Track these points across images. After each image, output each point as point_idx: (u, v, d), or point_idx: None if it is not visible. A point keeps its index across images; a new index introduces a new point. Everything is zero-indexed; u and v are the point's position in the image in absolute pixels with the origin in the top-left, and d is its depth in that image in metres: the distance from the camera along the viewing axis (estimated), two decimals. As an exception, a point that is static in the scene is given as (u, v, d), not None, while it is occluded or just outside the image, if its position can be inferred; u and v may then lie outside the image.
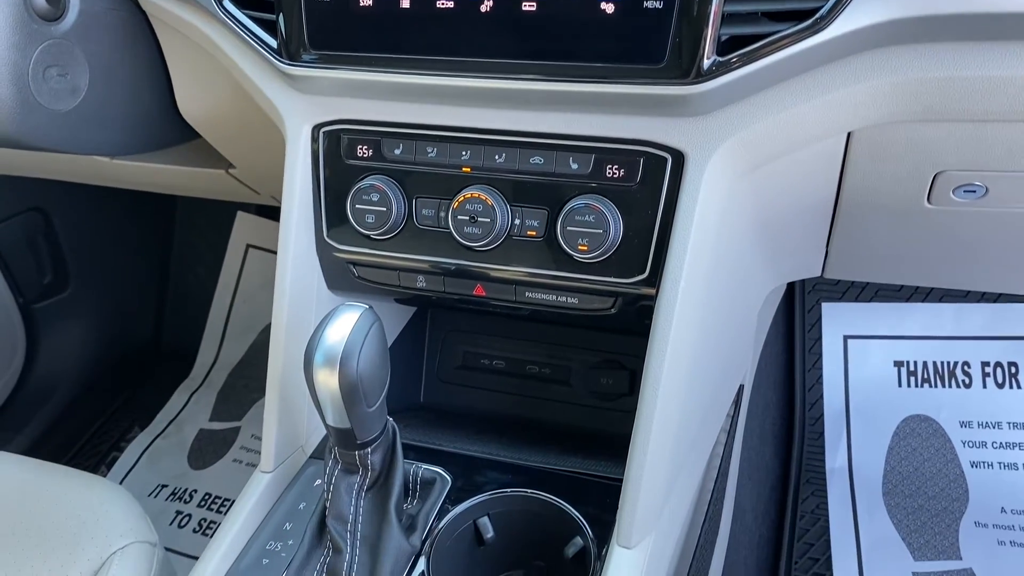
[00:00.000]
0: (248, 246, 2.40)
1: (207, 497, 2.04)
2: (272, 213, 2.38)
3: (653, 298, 0.95)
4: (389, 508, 0.94)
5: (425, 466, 1.06)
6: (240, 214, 2.39)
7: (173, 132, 1.28)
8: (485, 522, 1.03)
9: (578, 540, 1.00)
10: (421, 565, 0.95)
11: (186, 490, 2.06)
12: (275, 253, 2.38)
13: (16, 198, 2.03)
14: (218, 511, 2.00)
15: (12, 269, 2.05)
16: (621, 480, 0.97)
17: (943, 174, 0.98)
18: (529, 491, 1.03)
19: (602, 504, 1.00)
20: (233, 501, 2.00)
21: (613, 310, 0.99)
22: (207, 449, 2.16)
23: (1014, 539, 1.67)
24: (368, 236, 1.06)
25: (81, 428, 2.25)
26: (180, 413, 2.27)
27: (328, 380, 0.86)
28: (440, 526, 0.99)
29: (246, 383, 2.30)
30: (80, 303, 2.22)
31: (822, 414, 1.91)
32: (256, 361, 2.33)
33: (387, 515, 0.94)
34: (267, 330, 2.38)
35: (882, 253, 1.23)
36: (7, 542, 1.06)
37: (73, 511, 1.08)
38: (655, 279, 0.94)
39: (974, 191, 1.00)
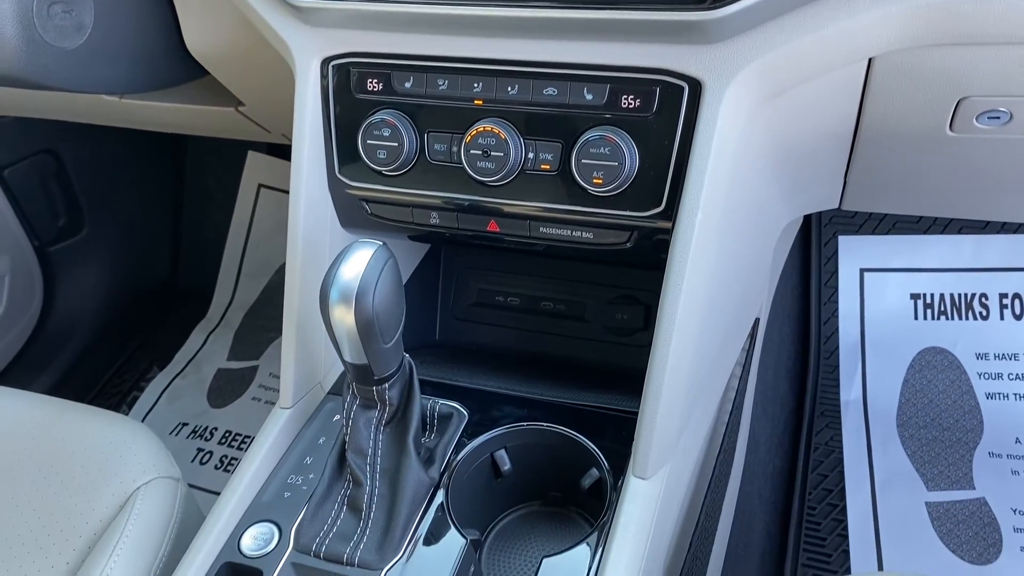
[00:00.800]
0: (260, 186, 2.39)
1: (227, 434, 2.07)
2: (283, 152, 2.36)
3: (669, 231, 0.94)
4: (407, 442, 0.95)
5: (442, 401, 1.07)
6: (251, 154, 2.38)
7: (181, 69, 1.27)
8: (502, 455, 1.04)
9: (594, 471, 1.01)
10: (440, 497, 0.97)
11: (207, 428, 2.09)
12: (287, 193, 2.38)
13: (26, 140, 2.03)
14: (239, 448, 2.04)
15: (26, 212, 2.06)
16: (637, 413, 0.98)
17: (966, 100, 0.96)
18: (545, 424, 1.04)
19: (618, 437, 1.01)
20: (253, 438, 2.04)
21: (629, 244, 0.99)
22: (226, 388, 2.19)
23: (1028, 469, 1.69)
24: (380, 172, 1.05)
25: (101, 369, 2.28)
26: (198, 353, 2.29)
27: (344, 317, 0.86)
28: (458, 459, 1.01)
29: (262, 323, 2.32)
30: (95, 245, 2.23)
31: (837, 347, 1.91)
32: (272, 301, 2.34)
33: (406, 448, 0.95)
34: (282, 270, 2.38)
35: (901, 183, 1.21)
36: (33, 479, 1.08)
37: (97, 448, 1.10)
38: (671, 212, 0.93)
39: (998, 117, 0.97)
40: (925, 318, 1.89)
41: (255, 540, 0.94)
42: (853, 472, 1.71)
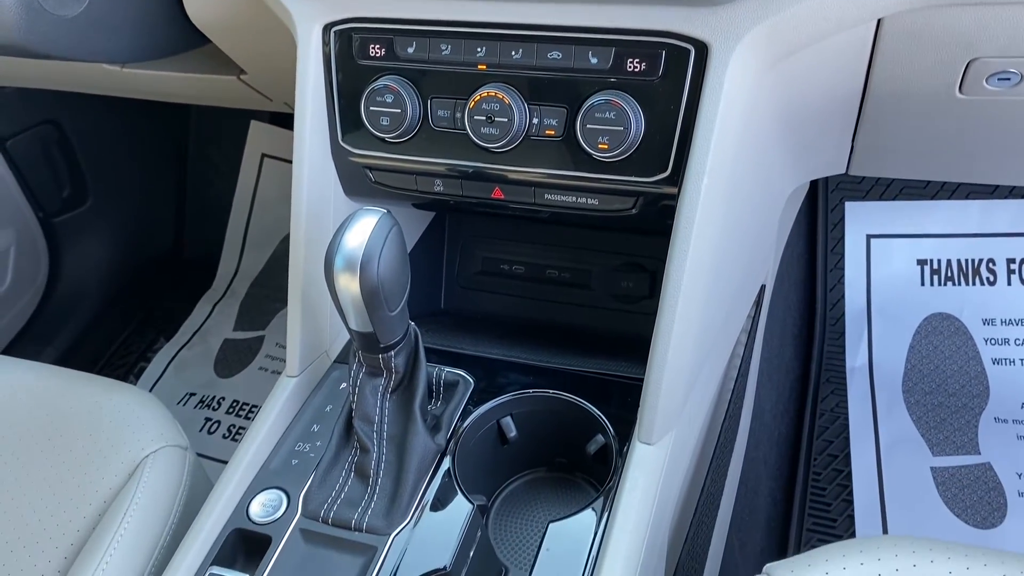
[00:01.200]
0: (263, 155, 2.38)
1: (235, 404, 2.08)
2: (286, 121, 2.35)
3: (675, 197, 0.93)
4: (414, 409, 0.95)
5: (448, 369, 1.07)
6: (254, 123, 2.37)
7: (182, 37, 1.25)
8: (508, 422, 1.05)
9: (600, 438, 1.01)
10: (446, 463, 0.97)
11: (214, 398, 2.10)
12: (291, 162, 2.37)
13: (28, 111, 2.02)
14: (246, 417, 2.05)
15: (30, 183, 2.05)
16: (642, 380, 0.98)
17: (977, 62, 0.94)
18: (551, 391, 1.04)
19: (623, 403, 1.01)
20: (260, 407, 2.05)
21: (634, 211, 0.98)
22: (232, 358, 2.20)
23: (1033, 434, 1.69)
24: (383, 139, 1.04)
25: (108, 340, 2.29)
26: (204, 324, 2.30)
27: (349, 285, 0.86)
28: (464, 426, 1.01)
29: (268, 293, 2.32)
30: (100, 216, 2.22)
31: (843, 314, 1.90)
32: (277, 271, 2.34)
33: (412, 415, 0.95)
34: (286, 240, 2.38)
35: (910, 147, 1.20)
36: (43, 448, 1.09)
37: (105, 418, 1.10)
38: (677, 177, 0.93)
39: (1008, 79, 0.96)
40: (932, 284, 1.88)
41: (263, 507, 0.94)
42: (858, 438, 1.72)
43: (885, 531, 1.57)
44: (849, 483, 1.65)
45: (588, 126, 0.93)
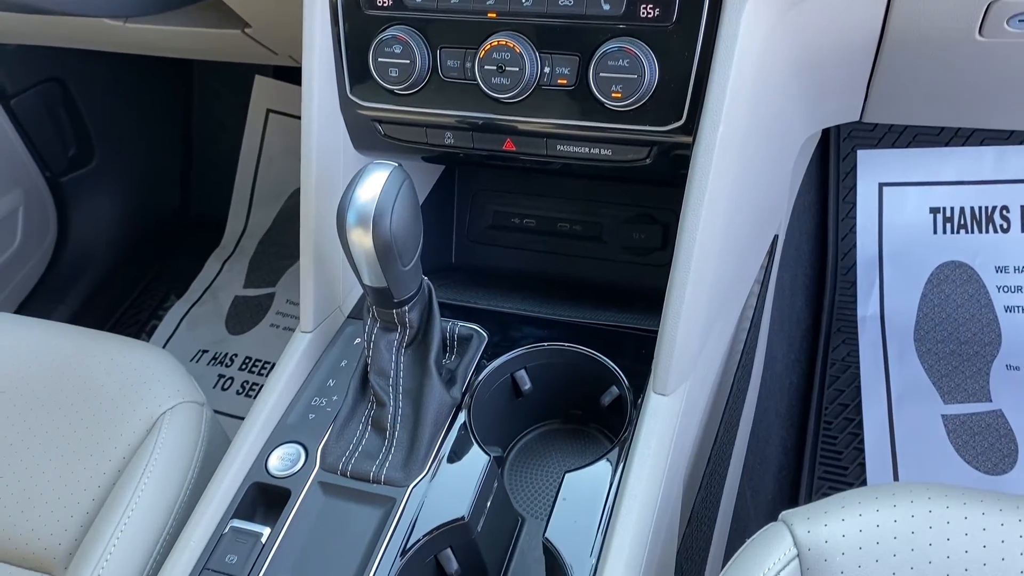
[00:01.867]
0: (268, 111, 2.36)
1: (248, 360, 2.09)
2: (290, 76, 2.32)
3: (689, 147, 0.92)
4: (429, 363, 0.96)
5: (461, 323, 1.07)
6: (258, 78, 2.34)
7: (184, -10, 1.24)
8: (522, 375, 1.05)
9: (614, 389, 1.01)
10: (462, 416, 0.98)
11: (226, 354, 2.12)
12: (296, 118, 2.35)
13: (31, 69, 2.00)
14: (259, 373, 2.06)
15: (36, 142, 2.04)
16: (655, 332, 0.98)
17: (997, 3, 0.92)
18: (565, 344, 1.04)
19: (637, 355, 1.01)
20: (274, 363, 2.06)
21: (648, 161, 0.97)
22: (244, 315, 2.21)
23: (1045, 381, 1.69)
24: (392, 91, 1.03)
25: (119, 298, 2.29)
26: (214, 281, 2.30)
27: (362, 240, 0.86)
28: (479, 380, 1.01)
29: (277, 250, 2.32)
30: (106, 175, 2.22)
31: (855, 263, 1.89)
32: (285, 228, 2.34)
33: (427, 369, 0.96)
34: (294, 196, 2.38)
35: (926, 92, 1.18)
36: (60, 406, 1.10)
37: (121, 375, 1.11)
38: (692, 126, 0.91)
39: (1030, 20, 0.94)
40: (944, 232, 1.87)
41: (282, 461, 0.95)
42: (870, 387, 1.72)
43: (896, 479, 1.58)
44: (860, 431, 1.66)
45: (601, 75, 0.92)
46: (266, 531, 0.89)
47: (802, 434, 1.69)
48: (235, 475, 0.94)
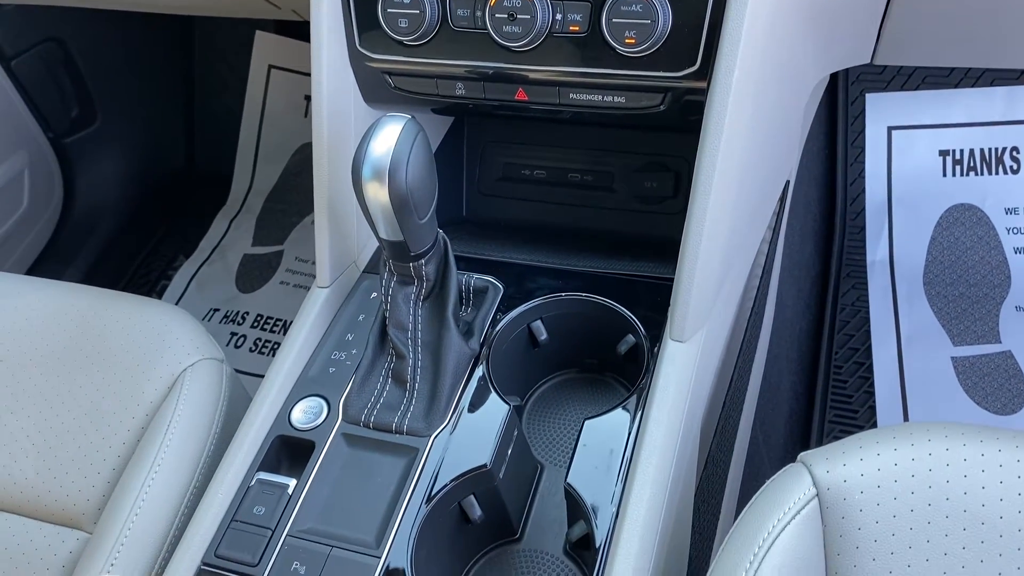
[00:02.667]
0: (270, 67, 2.34)
1: (259, 318, 2.11)
2: (292, 30, 2.30)
3: (704, 92, 0.91)
4: (447, 315, 0.96)
5: (477, 276, 1.07)
6: (259, 34, 2.32)
7: (185, -57, 1.22)
8: (539, 325, 1.06)
9: (630, 337, 1.02)
10: (480, 367, 0.99)
11: (238, 312, 2.13)
12: (298, 73, 2.33)
13: (30, 29, 1.98)
14: (271, 330, 2.07)
15: (38, 103, 2.03)
16: (670, 280, 0.98)
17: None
18: (580, 294, 1.05)
19: (652, 303, 1.02)
20: (286, 320, 2.08)
21: (662, 107, 0.96)
22: (253, 273, 2.21)
23: (1054, 321, 1.70)
24: (402, 42, 1.02)
25: (128, 259, 2.30)
26: (222, 240, 2.31)
27: (378, 193, 0.86)
28: (496, 331, 1.02)
29: (284, 207, 2.32)
30: (110, 135, 2.21)
31: (864, 208, 1.89)
32: (291, 185, 2.33)
33: (445, 322, 0.96)
34: (299, 153, 2.37)
35: (939, 32, 1.17)
36: (81, 366, 1.11)
37: (140, 333, 1.12)
38: (706, 71, 0.91)
39: (1049, -45, 0.92)
40: (954, 175, 1.86)
41: (305, 414, 0.97)
42: (879, 330, 1.73)
43: (906, 421, 1.60)
44: (870, 375, 1.67)
45: (614, 20, 0.91)
46: (292, 482, 0.91)
47: (812, 379, 1.71)
48: (259, 429, 0.96)
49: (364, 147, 0.86)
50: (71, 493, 1.04)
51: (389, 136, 0.86)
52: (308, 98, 2.35)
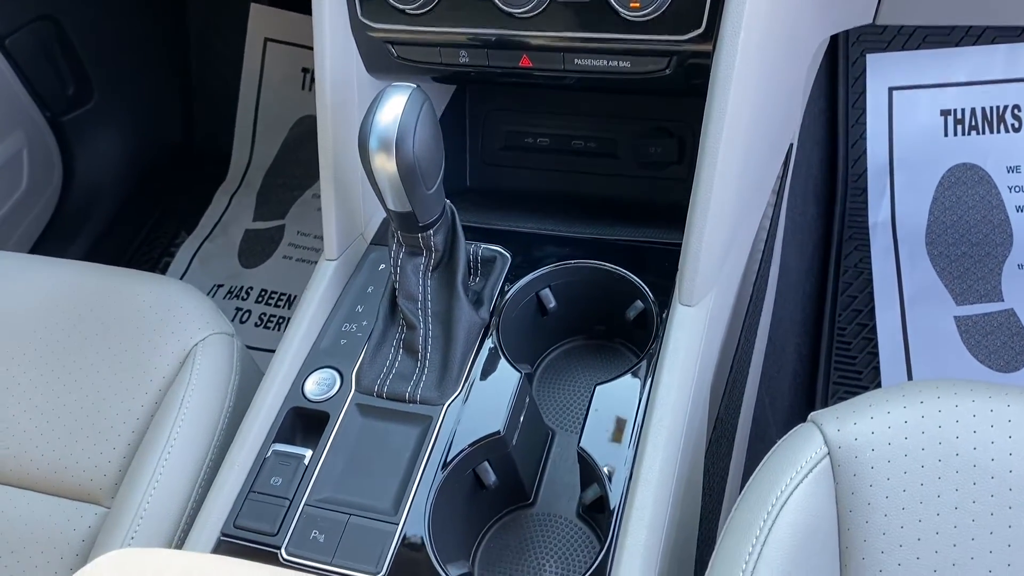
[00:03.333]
0: (266, 40, 2.32)
1: (263, 293, 2.11)
2: (286, 1, 2.28)
3: (709, 55, 0.91)
4: (456, 285, 0.97)
5: (484, 245, 1.08)
6: (254, 6, 2.30)
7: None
8: (547, 293, 1.06)
9: (639, 303, 1.03)
10: (490, 336, 0.99)
11: (242, 288, 2.13)
12: (294, 45, 2.31)
13: (21, 6, 1.95)
14: (276, 305, 2.08)
15: (34, 82, 2.01)
16: (676, 245, 0.99)
17: None
18: (588, 261, 1.05)
19: (660, 269, 1.02)
20: (290, 295, 2.08)
21: (668, 71, 0.96)
22: (255, 248, 2.21)
23: (1057, 278, 1.70)
24: (403, 11, 1.01)
25: (129, 237, 2.30)
26: (223, 216, 2.30)
27: (385, 164, 0.86)
28: (505, 300, 1.03)
29: (283, 181, 2.31)
30: (108, 112, 2.19)
31: (865, 170, 1.89)
32: (290, 159, 2.33)
33: (455, 291, 0.97)
34: (297, 126, 2.36)
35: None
36: (92, 342, 1.11)
37: (150, 309, 1.12)
38: (711, 34, 0.90)
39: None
40: (955, 134, 1.86)
41: (318, 385, 0.97)
42: (882, 291, 1.74)
43: (910, 380, 1.61)
44: (874, 336, 1.68)
45: (618, -17, 0.90)
46: (308, 453, 0.92)
47: (817, 340, 1.72)
48: (273, 401, 0.97)
49: (370, 118, 0.86)
50: (87, 469, 1.05)
51: (395, 106, 0.86)
52: (305, 70, 2.33)
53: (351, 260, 1.10)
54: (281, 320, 2.05)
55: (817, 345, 1.71)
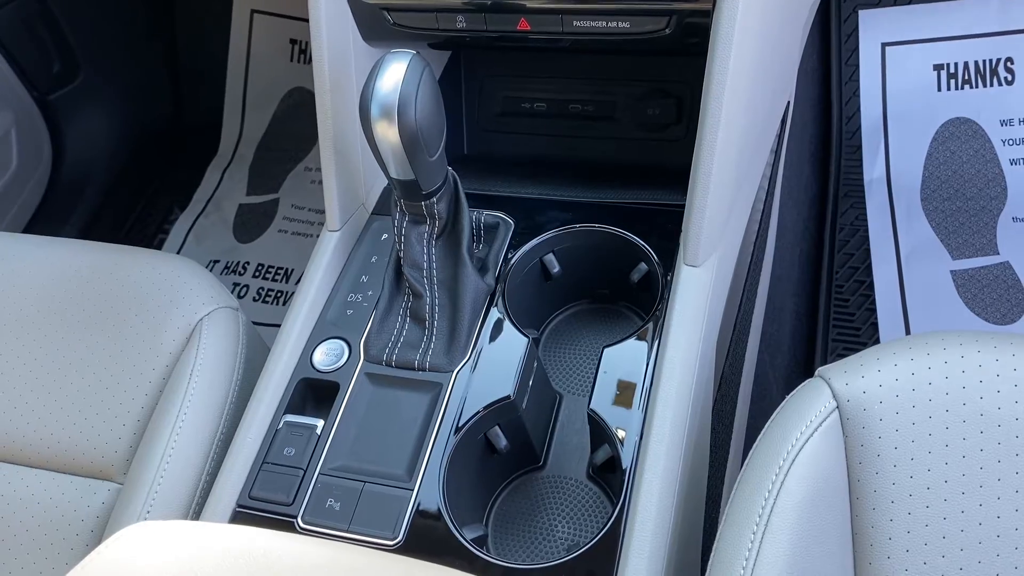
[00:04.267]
0: (252, 11, 2.29)
1: (260, 267, 2.10)
2: (272, -28, 2.25)
3: (709, 13, 0.91)
4: (462, 252, 0.97)
5: (487, 212, 1.08)
6: (238, -23, 2.27)
7: None
8: (551, 258, 1.06)
9: (643, 266, 1.03)
10: (497, 302, 1.00)
11: (238, 263, 2.12)
12: (281, 16, 2.28)
13: (4, -17, 1.93)
14: (273, 279, 2.08)
15: (19, 60, 1.99)
16: (678, 206, 0.99)
17: None
18: (591, 225, 1.05)
19: (663, 231, 1.03)
20: (287, 268, 2.08)
21: (667, 31, 0.96)
22: (250, 223, 2.20)
23: (1051, 231, 1.72)
24: None
25: (123, 214, 2.28)
26: (216, 191, 2.29)
27: (387, 132, 0.86)
28: (509, 266, 1.03)
29: (276, 155, 2.30)
30: (95, 89, 2.17)
31: (859, 127, 1.89)
32: (282, 132, 2.31)
33: (461, 258, 0.97)
34: (287, 98, 2.34)
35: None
36: (97, 320, 1.11)
37: (153, 285, 1.12)
38: (712, -9, 0.90)
39: None
40: (948, 89, 1.86)
41: (326, 356, 0.98)
42: (879, 248, 1.75)
43: (908, 334, 1.62)
44: (871, 293, 1.69)
45: (617, -56, 0.89)
46: (319, 423, 0.93)
47: (815, 299, 1.73)
48: (282, 373, 0.97)
49: (371, 86, 0.85)
50: (98, 446, 1.06)
51: (395, 73, 0.85)
52: (293, 41, 2.31)
53: (353, 231, 1.09)
54: (279, 294, 2.05)
55: (815, 303, 1.72)
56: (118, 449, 1.05)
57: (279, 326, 1.02)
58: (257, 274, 2.10)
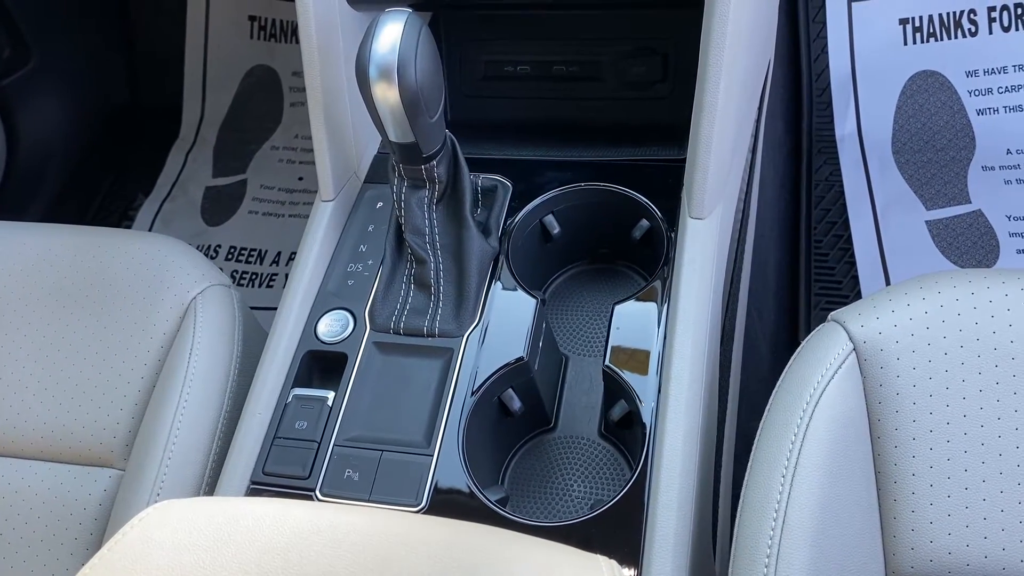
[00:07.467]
0: (209, -12, 2.23)
1: (233, 250, 2.06)
2: (228, -54, 2.18)
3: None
4: (464, 215, 0.96)
5: (484, 175, 1.06)
6: (192, -47, 2.20)
7: None
8: (551, 219, 1.06)
9: (644, 222, 1.03)
10: (502, 265, 0.99)
11: (210, 246, 2.08)
12: (239, -8, 2.19)
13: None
14: (247, 261, 2.03)
15: (-33, 46, 1.91)
16: (676, 161, 0.99)
17: None
18: (590, 183, 1.05)
19: (663, 186, 1.02)
20: (261, 250, 2.04)
21: None
22: (218, 205, 2.15)
23: (1019, 177, 1.75)
24: None
25: (85, 201, 2.22)
26: (180, 174, 2.23)
27: (387, 94, 0.84)
28: (511, 228, 1.02)
29: (240, 135, 2.24)
30: (48, 73, 2.09)
31: (829, 84, 1.90)
32: (245, 111, 2.25)
33: (464, 221, 0.96)
34: (248, 76, 2.28)
35: None
36: (86, 304, 1.08)
37: (142, 265, 1.09)
38: (707, -62, 0.89)
39: None
40: (914, 42, 1.88)
41: (330, 327, 0.96)
42: (854, 202, 1.77)
43: (888, 285, 1.65)
44: (850, 246, 1.72)
45: None
46: (330, 395, 0.91)
47: (795, 254, 1.75)
48: (287, 346, 0.95)
49: (368, 47, 0.83)
50: (95, 432, 1.03)
51: (392, 33, 0.83)
52: (252, 18, 2.25)
53: (347, 200, 1.07)
54: (255, 276, 2.01)
55: (796, 259, 1.74)
56: (116, 435, 1.03)
57: (261, 308, 0.99)
58: (230, 257, 2.05)
